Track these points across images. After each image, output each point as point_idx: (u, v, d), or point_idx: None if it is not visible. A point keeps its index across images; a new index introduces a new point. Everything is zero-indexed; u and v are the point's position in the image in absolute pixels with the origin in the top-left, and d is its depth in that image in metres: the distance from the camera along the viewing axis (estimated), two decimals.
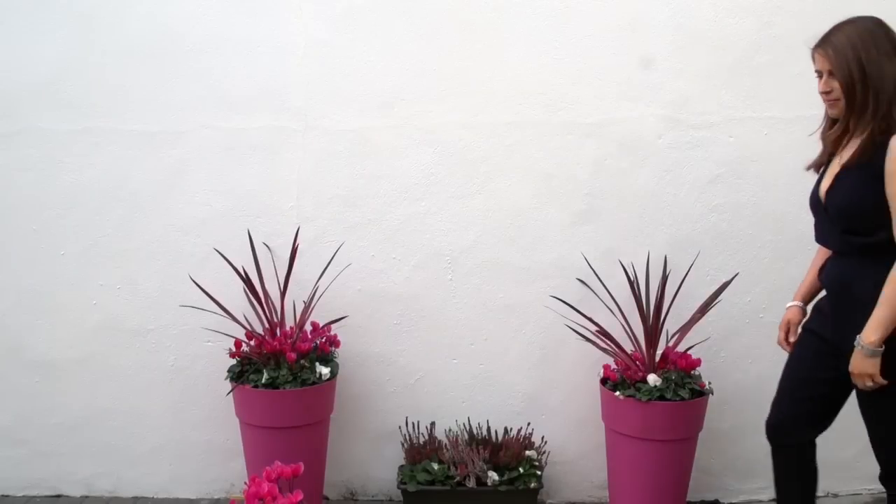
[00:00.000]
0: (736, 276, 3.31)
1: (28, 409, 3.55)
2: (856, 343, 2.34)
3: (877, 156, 2.31)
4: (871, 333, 2.31)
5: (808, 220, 3.39)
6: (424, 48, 3.37)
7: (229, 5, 3.38)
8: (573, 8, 3.35)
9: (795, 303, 2.75)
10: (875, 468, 3.56)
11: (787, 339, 2.75)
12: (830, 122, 2.50)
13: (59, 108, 3.40)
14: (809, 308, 2.71)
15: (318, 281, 3.34)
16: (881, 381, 2.33)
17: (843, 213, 2.42)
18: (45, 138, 3.41)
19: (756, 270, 3.43)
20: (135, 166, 3.42)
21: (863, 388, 2.39)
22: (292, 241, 3.37)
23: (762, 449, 3.52)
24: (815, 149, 3.34)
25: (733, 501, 3.56)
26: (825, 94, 2.42)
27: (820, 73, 2.44)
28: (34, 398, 3.54)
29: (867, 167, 2.33)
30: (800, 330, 2.71)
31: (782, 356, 3.46)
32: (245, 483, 2.80)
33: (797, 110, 3.37)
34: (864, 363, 2.34)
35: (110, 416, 3.54)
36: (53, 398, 3.54)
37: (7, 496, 3.58)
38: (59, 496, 3.59)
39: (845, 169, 2.40)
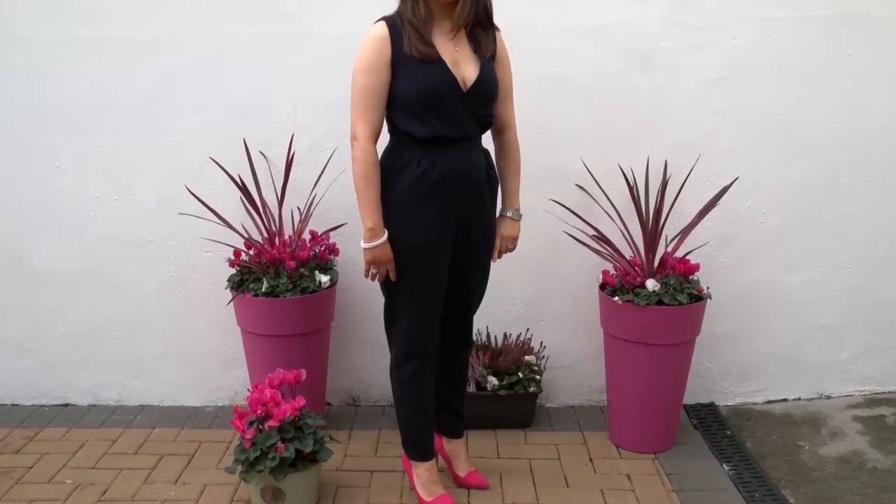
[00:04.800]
0: (736, 180, 3.28)
1: (32, 321, 3.59)
2: (509, 214, 2.76)
3: (493, 46, 2.56)
4: (516, 201, 2.77)
5: (811, 123, 3.38)
6: None
7: None
8: None
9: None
10: (869, 370, 3.65)
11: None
12: (446, 6, 2.44)
13: (44, 16, 3.31)
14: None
15: (314, 188, 3.31)
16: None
17: (491, 100, 2.58)
18: (31, 48, 3.34)
19: (756, 175, 3.40)
20: (126, 75, 3.36)
21: (506, 252, 2.80)
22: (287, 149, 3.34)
23: (758, 353, 3.59)
24: (820, 49, 3.32)
25: (729, 404, 3.62)
26: None
27: None
28: (37, 310, 3.58)
29: (492, 56, 2.56)
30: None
31: (782, 261, 3.49)
32: (248, 390, 2.84)
33: (803, 10, 3.30)
34: (516, 227, 2.80)
35: (113, 326, 3.58)
36: (56, 310, 3.58)
37: (17, 405, 3.65)
38: (66, 405, 3.66)
39: (485, 59, 2.53)
